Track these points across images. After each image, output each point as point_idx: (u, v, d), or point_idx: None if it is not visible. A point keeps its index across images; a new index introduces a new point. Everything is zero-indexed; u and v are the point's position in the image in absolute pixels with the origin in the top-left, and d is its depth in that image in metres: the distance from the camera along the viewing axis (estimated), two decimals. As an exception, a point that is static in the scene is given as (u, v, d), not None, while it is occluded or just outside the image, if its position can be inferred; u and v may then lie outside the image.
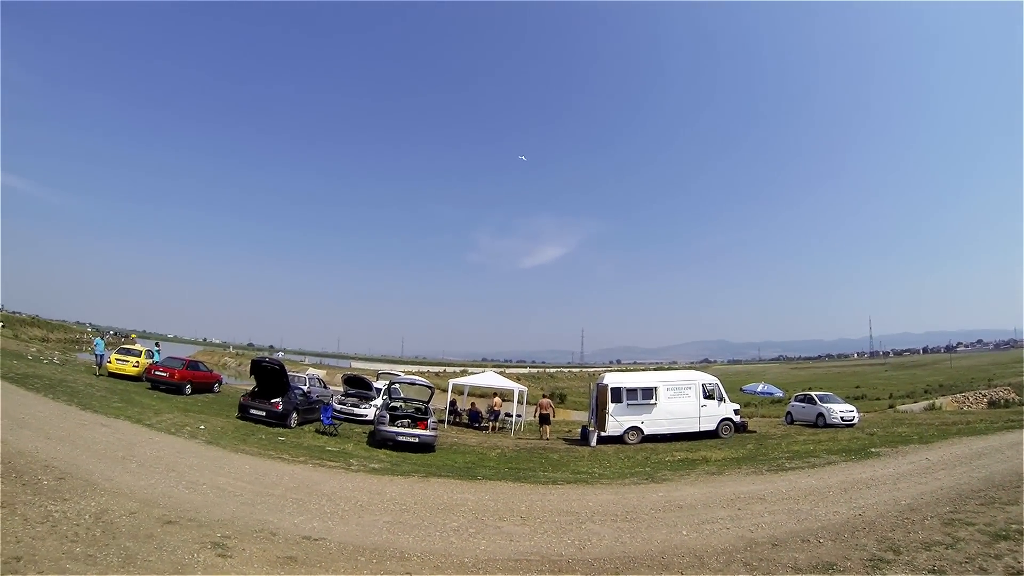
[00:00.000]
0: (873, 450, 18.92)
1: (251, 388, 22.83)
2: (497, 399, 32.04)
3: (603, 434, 24.34)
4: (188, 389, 26.31)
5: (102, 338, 34.16)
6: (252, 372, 22.00)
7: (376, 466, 15.59)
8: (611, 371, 40.99)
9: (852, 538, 9.20)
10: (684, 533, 9.87)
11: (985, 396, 62.69)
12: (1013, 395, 60.83)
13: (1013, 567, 7.42)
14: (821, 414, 29.30)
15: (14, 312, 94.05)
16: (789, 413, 33.15)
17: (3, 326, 55.59)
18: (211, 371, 31.98)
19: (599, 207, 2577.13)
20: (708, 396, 25.56)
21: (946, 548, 8.33)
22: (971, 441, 20.14)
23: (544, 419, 27.79)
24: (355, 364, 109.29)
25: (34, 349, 39.74)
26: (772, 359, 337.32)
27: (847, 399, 35.89)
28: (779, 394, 52.40)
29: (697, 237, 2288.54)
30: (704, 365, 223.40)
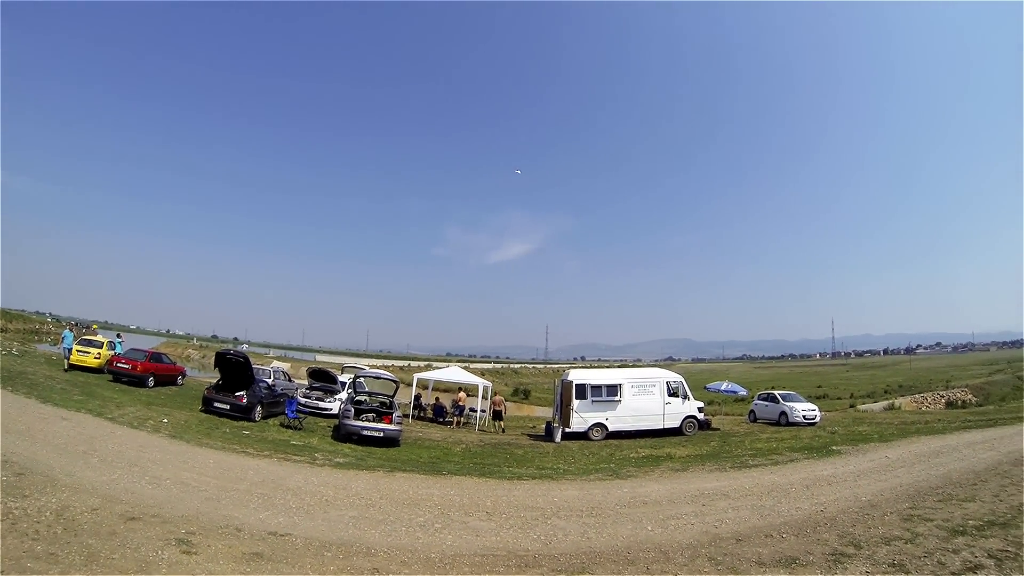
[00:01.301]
0: (834, 448, 19.52)
1: (215, 381, 22.69)
2: (462, 394, 32.26)
3: (567, 430, 24.61)
4: (151, 382, 25.95)
5: (71, 330, 33.22)
6: (216, 365, 21.92)
7: (341, 460, 15.61)
8: (576, 367, 41.53)
9: (814, 533, 9.49)
10: (649, 529, 10.05)
11: (943, 397, 64.92)
12: (970, 396, 63.12)
13: (970, 561, 7.72)
14: (784, 412, 30.12)
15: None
16: (752, 411, 33.96)
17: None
18: (174, 363, 31.60)
19: (568, 204, 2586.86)
20: (672, 394, 25.99)
21: (905, 543, 8.65)
22: (929, 440, 20.91)
23: (497, 415, 29.32)
24: (320, 357, 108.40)
25: (-9, 341, 38.31)
26: (736, 358, 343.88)
27: (809, 398, 36.83)
28: (743, 392, 53.51)
29: (664, 236, 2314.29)
30: (668, 363, 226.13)
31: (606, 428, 24.85)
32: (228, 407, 20.44)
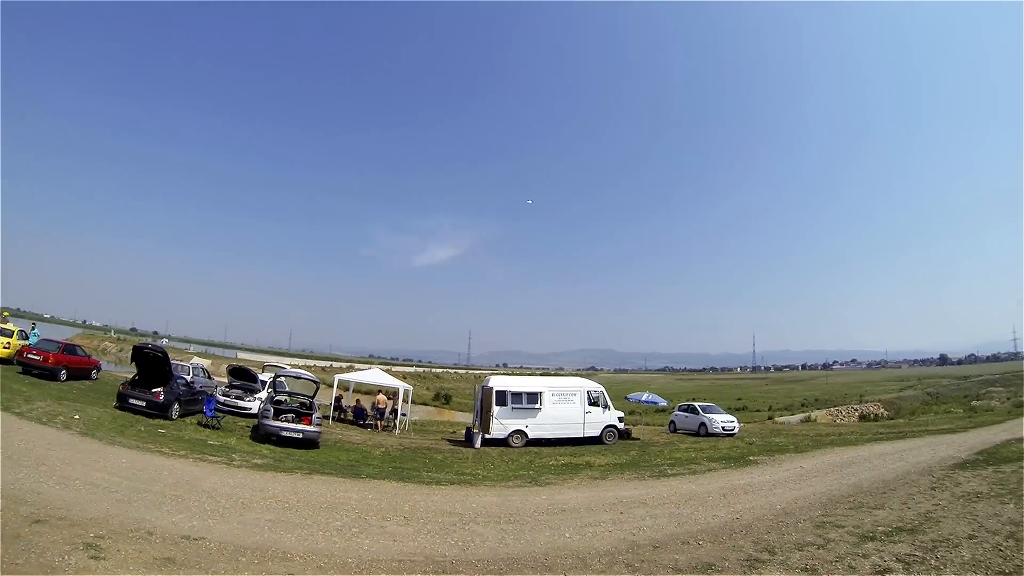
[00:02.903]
0: (752, 458, 20.45)
1: (131, 376, 21.98)
2: (382, 397, 32.27)
3: (488, 436, 24.86)
4: (63, 375, 24.98)
5: None
6: (133, 359, 21.28)
7: (259, 462, 15.33)
8: (497, 374, 42.09)
9: (730, 540, 9.84)
10: (567, 535, 10.19)
11: (857, 410, 69.49)
12: (882, 410, 67.95)
13: (880, 565, 8.17)
14: (703, 424, 31.46)
15: None
16: (672, 422, 35.19)
17: None
18: (89, 356, 30.49)
19: (497, 211, 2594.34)
20: (593, 403, 26.80)
21: (817, 548, 9.08)
22: (842, 451, 22.30)
23: (381, 413, 30.27)
24: (242, 355, 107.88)
25: None
26: (658, 370, 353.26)
27: (729, 410, 38.40)
28: (663, 403, 55.12)
29: (590, 247, 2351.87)
30: (591, 372, 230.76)
31: (526, 435, 25.21)
32: (144, 404, 19.92)
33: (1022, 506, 11.34)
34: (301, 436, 19.09)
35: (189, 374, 27.49)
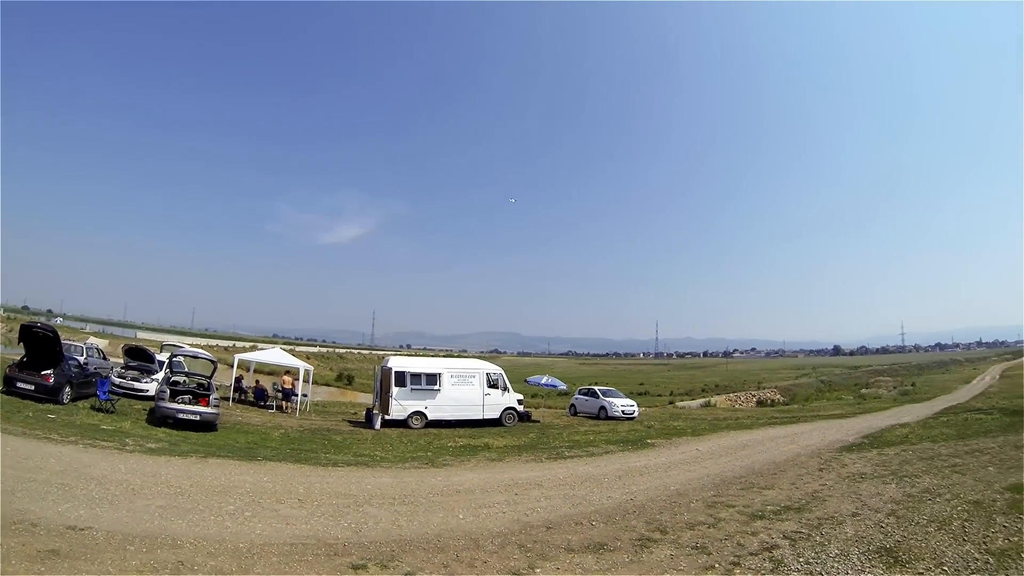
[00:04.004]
0: (649, 441, 21.21)
1: (20, 358, 21.05)
2: (286, 377, 31.91)
3: (387, 417, 25.00)
4: None
5: None
6: (21, 339, 20.46)
7: (153, 446, 14.86)
8: (397, 355, 41.91)
9: (623, 520, 10.12)
10: (461, 517, 10.25)
11: (755, 396, 73.92)
12: (778, 396, 72.81)
13: (767, 542, 8.58)
14: (603, 407, 32.47)
15: None
16: (573, 405, 36.16)
17: None
18: None
19: (405, 189, 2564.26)
20: (492, 385, 27.29)
21: (708, 527, 9.49)
22: (738, 434, 23.47)
23: (285, 395, 30.04)
24: (141, 335, 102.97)
25: None
26: (561, 354, 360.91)
27: (630, 395, 39.74)
28: (563, 387, 56.34)
29: (497, 231, 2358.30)
30: (494, 355, 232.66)
31: (426, 416, 25.45)
32: (32, 388, 19.09)
33: (902, 486, 12.16)
34: (198, 418, 18.84)
35: (83, 355, 27.19)
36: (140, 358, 27.50)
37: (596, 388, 35.99)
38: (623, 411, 31.96)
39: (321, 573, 7.23)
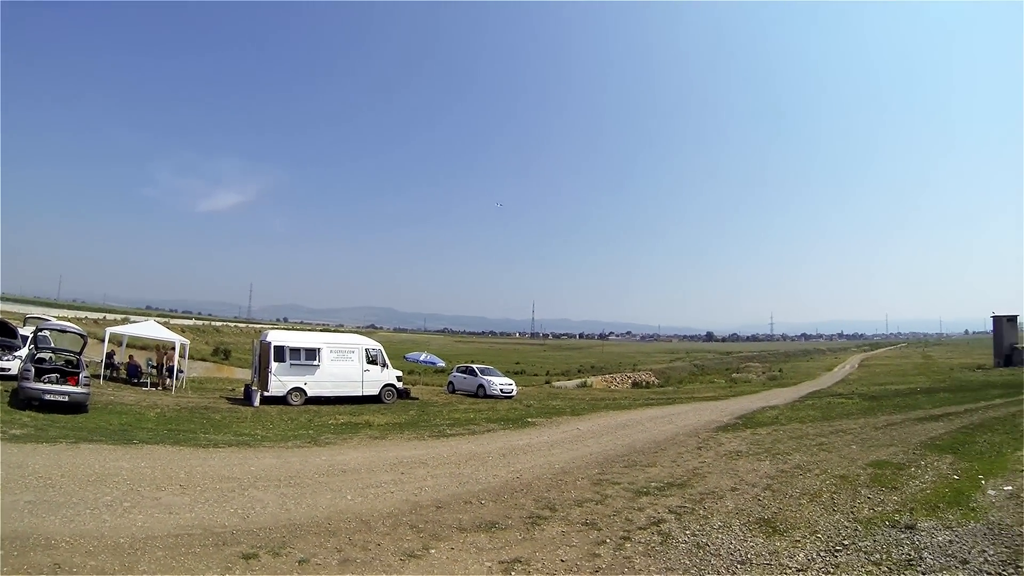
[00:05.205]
0: (530, 420, 21.88)
1: None
2: (171, 353, 30.47)
3: (266, 394, 24.61)
4: None
5: None
6: None
7: (18, 432, 13.66)
8: (277, 328, 40.65)
9: (512, 499, 10.44)
10: (349, 498, 10.20)
11: (630, 378, 76.82)
12: (653, 378, 76.15)
13: (654, 517, 9.12)
14: (482, 385, 33.22)
15: None
16: (451, 383, 36.57)
17: None
18: None
19: (286, 156, 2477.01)
20: (371, 361, 27.38)
21: (596, 504, 9.95)
22: (617, 414, 24.55)
23: (161, 371, 29.33)
24: (2, 307, 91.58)
25: None
26: (438, 331, 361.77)
27: (507, 373, 40.57)
28: (441, 364, 56.50)
29: (377, 204, 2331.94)
30: (371, 331, 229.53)
31: (305, 393, 25.28)
32: None
33: (776, 462, 13.29)
34: (67, 399, 17.63)
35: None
36: (1, 333, 25.60)
37: (474, 366, 36.59)
38: (501, 390, 32.80)
39: (210, 566, 6.83)
